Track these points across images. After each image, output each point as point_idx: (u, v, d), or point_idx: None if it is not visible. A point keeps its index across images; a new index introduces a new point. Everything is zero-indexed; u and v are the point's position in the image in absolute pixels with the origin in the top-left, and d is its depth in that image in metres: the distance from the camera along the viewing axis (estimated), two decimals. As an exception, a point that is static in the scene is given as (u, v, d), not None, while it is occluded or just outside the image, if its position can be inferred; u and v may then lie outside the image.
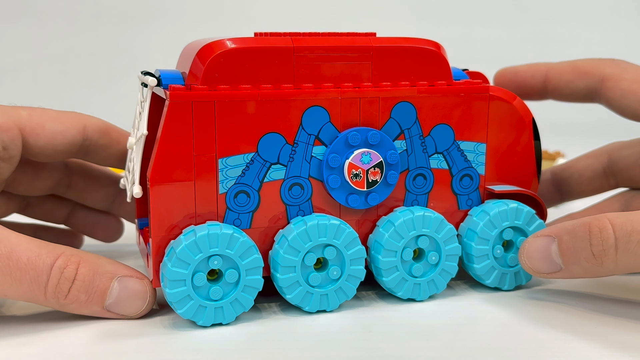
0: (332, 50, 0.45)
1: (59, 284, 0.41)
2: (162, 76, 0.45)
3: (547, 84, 0.55)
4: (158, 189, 0.42)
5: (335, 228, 0.44)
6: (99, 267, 0.43)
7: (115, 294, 0.43)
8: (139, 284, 0.44)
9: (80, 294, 0.42)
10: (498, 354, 0.40)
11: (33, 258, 0.41)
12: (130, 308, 0.44)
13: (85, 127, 0.50)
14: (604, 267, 0.42)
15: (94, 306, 0.43)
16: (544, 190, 0.57)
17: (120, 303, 0.43)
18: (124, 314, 0.44)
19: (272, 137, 0.44)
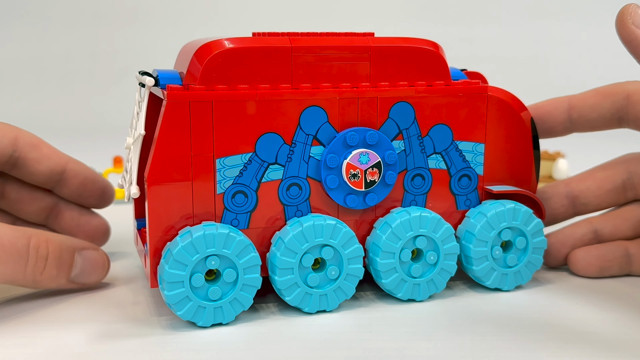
0: (330, 50, 0.45)
1: (36, 263, 0.44)
2: (160, 76, 0.45)
3: (571, 112, 0.53)
4: (155, 190, 0.42)
5: (332, 228, 0.44)
6: (62, 243, 0.46)
7: (79, 266, 0.46)
8: (97, 254, 0.47)
9: (52, 270, 0.45)
10: (498, 354, 0.40)
11: (14, 241, 0.43)
12: (93, 277, 0.47)
13: (17, 138, 0.50)
14: None
15: (62, 279, 0.46)
16: (558, 204, 0.55)
17: (84, 274, 0.47)
18: (86, 283, 0.47)
19: (270, 137, 0.44)
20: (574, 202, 0.55)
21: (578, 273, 0.52)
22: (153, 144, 0.42)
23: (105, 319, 0.45)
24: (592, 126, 0.54)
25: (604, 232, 0.53)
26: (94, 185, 0.54)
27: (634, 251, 0.52)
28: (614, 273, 0.52)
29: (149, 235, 0.43)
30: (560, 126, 0.54)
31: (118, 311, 0.46)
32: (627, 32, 0.42)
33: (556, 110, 0.54)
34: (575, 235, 0.53)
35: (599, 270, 0.51)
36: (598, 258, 0.51)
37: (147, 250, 0.44)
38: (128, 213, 0.72)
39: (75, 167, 0.53)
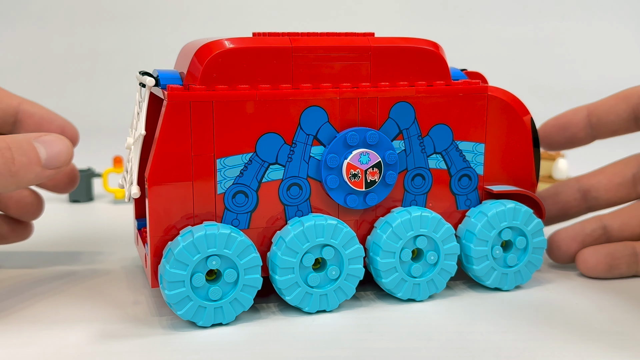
0: (331, 50, 0.45)
1: (3, 155, 0.43)
2: (160, 76, 0.45)
3: (590, 117, 0.54)
4: (156, 190, 0.42)
5: (333, 228, 0.44)
6: (16, 136, 0.44)
7: (43, 150, 0.44)
8: (51, 135, 0.45)
9: (22, 158, 0.43)
10: (498, 354, 0.40)
11: None
12: (61, 156, 0.45)
13: None
14: None
15: (36, 167, 0.44)
16: (570, 197, 0.55)
17: (52, 156, 0.45)
18: (59, 165, 0.45)
19: (271, 137, 0.44)
20: (586, 197, 0.55)
21: (587, 273, 0.52)
22: (153, 144, 0.42)
23: (105, 319, 0.45)
24: (612, 130, 0.55)
25: (613, 227, 0.54)
26: (52, 125, 0.54)
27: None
28: (623, 272, 0.52)
29: (150, 235, 0.43)
30: (582, 132, 0.55)
31: (118, 311, 0.46)
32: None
33: (576, 116, 0.55)
34: (585, 231, 0.54)
35: (608, 269, 0.51)
36: (607, 256, 0.52)
37: (147, 250, 0.44)
38: (128, 213, 0.73)
39: (29, 108, 0.53)
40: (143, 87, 0.46)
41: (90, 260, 0.57)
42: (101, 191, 0.83)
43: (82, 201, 0.79)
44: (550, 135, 0.56)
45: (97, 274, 0.53)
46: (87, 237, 0.59)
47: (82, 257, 0.57)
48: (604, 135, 0.55)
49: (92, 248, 0.60)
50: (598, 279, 0.51)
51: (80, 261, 0.56)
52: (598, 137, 0.56)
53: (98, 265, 0.55)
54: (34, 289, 0.50)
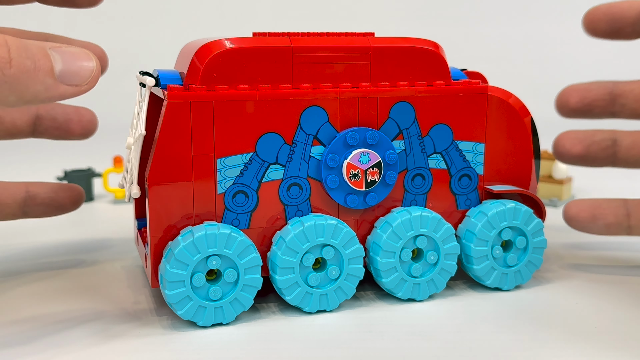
0: (331, 50, 0.45)
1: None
2: (160, 76, 0.45)
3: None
4: (156, 190, 0.42)
5: (333, 228, 0.44)
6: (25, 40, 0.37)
7: (59, 60, 0.37)
8: (75, 47, 0.38)
9: (24, 60, 0.36)
10: (498, 354, 0.40)
11: None
12: (82, 71, 0.38)
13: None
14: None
15: (46, 77, 0.37)
16: (599, 97, 0.53)
17: (70, 69, 0.37)
18: (79, 82, 0.38)
19: (271, 137, 0.44)
20: (614, 100, 0.54)
21: (570, 222, 0.52)
22: (154, 144, 0.42)
23: (105, 319, 0.45)
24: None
25: (623, 143, 0.53)
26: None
27: (634, 210, 0.51)
28: (610, 223, 0.51)
29: (150, 235, 0.43)
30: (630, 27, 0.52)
31: (118, 311, 0.46)
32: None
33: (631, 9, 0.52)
34: (593, 138, 0.53)
35: (591, 218, 0.51)
36: (590, 205, 0.51)
37: (147, 250, 0.44)
38: (128, 213, 0.73)
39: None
40: (143, 87, 0.46)
41: (90, 260, 0.57)
42: (101, 191, 0.83)
43: (82, 201, 0.79)
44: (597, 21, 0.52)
45: (97, 274, 0.53)
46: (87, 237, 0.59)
47: (82, 257, 0.57)
48: (623, 115, 0.53)
49: (92, 248, 0.60)
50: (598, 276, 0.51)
51: (80, 261, 0.56)
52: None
53: (98, 265, 0.55)
54: (34, 289, 0.50)
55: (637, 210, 0.51)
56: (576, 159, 0.54)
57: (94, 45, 0.51)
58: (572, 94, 0.54)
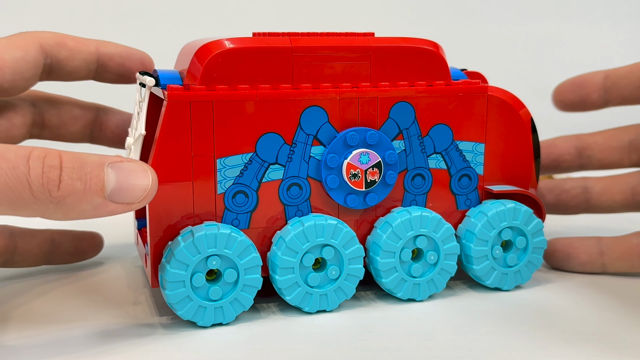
0: (331, 50, 0.45)
1: (44, 172, 0.35)
2: (160, 76, 0.45)
3: (606, 80, 0.54)
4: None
5: (333, 228, 0.44)
6: (84, 155, 0.37)
7: (113, 178, 0.37)
8: (135, 163, 0.38)
9: (74, 182, 0.36)
10: (498, 354, 0.40)
11: (2, 151, 0.35)
12: (135, 190, 0.38)
13: (42, 45, 0.47)
14: None
15: (95, 197, 0.37)
16: (564, 151, 0.56)
17: (123, 187, 0.37)
18: (130, 201, 0.38)
19: (271, 137, 0.44)
20: (581, 154, 0.56)
21: (547, 261, 0.53)
22: (154, 144, 0.42)
23: (105, 319, 0.45)
24: (623, 96, 0.54)
25: (594, 190, 0.54)
26: (132, 60, 0.52)
27: (607, 248, 0.52)
28: (584, 262, 0.52)
29: (150, 235, 0.43)
30: (596, 94, 0.54)
31: (118, 311, 0.46)
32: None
33: (593, 78, 0.55)
34: (563, 186, 0.55)
35: (566, 257, 0.52)
36: (564, 244, 0.53)
37: (147, 250, 0.44)
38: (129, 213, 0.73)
39: (108, 49, 0.51)
40: (143, 87, 0.46)
41: (90, 260, 0.57)
42: (101, 191, 0.83)
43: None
44: (564, 92, 0.56)
45: (97, 274, 0.53)
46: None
47: (82, 257, 0.57)
48: (615, 101, 0.55)
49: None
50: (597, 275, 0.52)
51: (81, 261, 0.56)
52: (610, 102, 0.55)
53: (98, 265, 0.55)
54: (34, 289, 0.50)
55: (610, 248, 0.52)
56: (548, 208, 0.56)
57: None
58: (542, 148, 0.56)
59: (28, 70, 0.47)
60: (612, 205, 0.54)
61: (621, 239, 0.53)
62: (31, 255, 0.52)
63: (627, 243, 0.52)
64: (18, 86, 0.47)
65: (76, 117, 0.53)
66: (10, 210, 0.35)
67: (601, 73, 0.55)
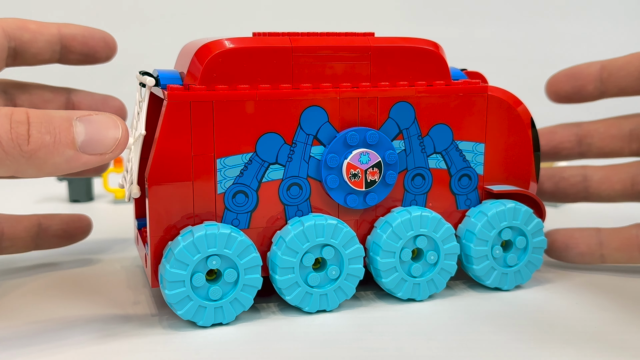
0: (331, 50, 0.45)
1: (12, 128, 0.36)
2: (160, 76, 0.45)
3: (602, 71, 0.54)
4: (156, 190, 0.42)
5: (333, 228, 0.44)
6: (51, 112, 0.38)
7: (83, 131, 0.38)
8: (103, 115, 0.39)
9: (43, 136, 0.37)
10: (498, 354, 0.40)
11: None
12: (106, 140, 0.38)
13: (3, 28, 0.49)
14: None
15: (66, 149, 0.37)
16: (565, 139, 0.55)
17: (94, 139, 0.38)
18: (102, 151, 0.38)
19: (271, 137, 0.44)
20: (581, 141, 0.55)
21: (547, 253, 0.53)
22: (154, 144, 0.42)
23: (105, 318, 0.45)
24: (620, 86, 0.54)
25: (593, 178, 0.54)
26: (94, 40, 0.53)
27: (606, 239, 0.52)
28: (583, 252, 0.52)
29: (150, 235, 0.43)
30: (591, 85, 0.54)
31: (118, 311, 0.46)
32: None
33: (589, 68, 0.54)
34: (562, 174, 0.54)
35: (564, 247, 0.52)
36: (564, 234, 0.53)
37: (147, 250, 0.44)
38: (128, 213, 0.73)
39: (70, 30, 0.52)
40: (143, 87, 0.46)
41: (90, 260, 0.57)
42: (101, 191, 0.83)
43: (82, 201, 0.79)
44: (559, 83, 0.55)
45: (97, 274, 0.53)
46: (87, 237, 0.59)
47: (82, 257, 0.57)
48: (611, 92, 0.54)
49: (92, 248, 0.60)
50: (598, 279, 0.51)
51: (81, 261, 0.56)
52: (606, 93, 0.55)
53: (98, 265, 0.55)
54: (34, 289, 0.50)
55: (609, 239, 0.52)
56: (547, 195, 0.56)
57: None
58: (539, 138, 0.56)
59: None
60: (611, 194, 0.54)
61: (621, 230, 0.52)
62: (19, 240, 0.52)
63: (626, 234, 0.52)
64: None
65: (47, 101, 0.54)
66: None
67: (597, 64, 0.54)
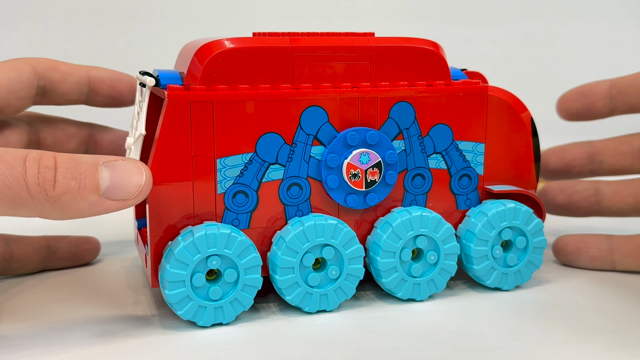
0: (331, 50, 0.45)
1: (39, 173, 0.37)
2: (161, 76, 0.45)
3: (611, 88, 0.55)
4: (156, 190, 0.42)
5: (333, 228, 0.44)
6: (78, 156, 0.39)
7: (107, 177, 0.39)
8: (128, 161, 0.40)
9: (69, 181, 0.38)
10: (498, 354, 0.40)
11: (0, 154, 0.37)
12: (129, 187, 0.39)
13: (34, 67, 0.50)
14: None
15: (90, 195, 0.38)
16: (576, 157, 0.56)
17: (117, 185, 0.39)
18: (125, 197, 0.39)
19: (271, 137, 0.44)
20: (592, 159, 0.56)
21: (557, 256, 0.53)
22: (154, 144, 0.42)
23: (105, 319, 0.45)
24: (629, 103, 0.54)
25: (605, 192, 0.54)
26: (121, 84, 0.54)
27: (616, 245, 0.52)
28: (594, 257, 0.52)
29: (150, 235, 0.43)
30: (601, 102, 0.55)
31: (118, 311, 0.46)
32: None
33: (598, 86, 0.55)
34: (575, 187, 0.55)
35: (576, 251, 0.53)
36: (577, 239, 0.53)
37: (147, 250, 0.44)
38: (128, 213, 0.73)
39: (98, 74, 0.53)
40: (143, 87, 0.46)
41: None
42: (101, 191, 0.83)
43: (82, 201, 0.78)
44: (569, 101, 0.56)
45: (97, 274, 0.53)
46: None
47: (82, 257, 0.57)
48: (621, 109, 0.55)
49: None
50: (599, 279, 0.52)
51: (81, 261, 0.56)
52: (615, 110, 0.55)
53: (98, 265, 0.55)
54: (34, 289, 0.50)
55: (620, 245, 0.53)
56: (559, 209, 0.56)
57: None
58: (550, 156, 0.57)
59: (22, 90, 0.49)
60: (623, 208, 0.55)
61: (632, 237, 0.53)
62: (28, 262, 0.53)
63: (637, 241, 0.52)
64: (12, 105, 0.49)
65: (70, 135, 0.55)
66: (10, 210, 0.37)
67: (606, 82, 0.55)
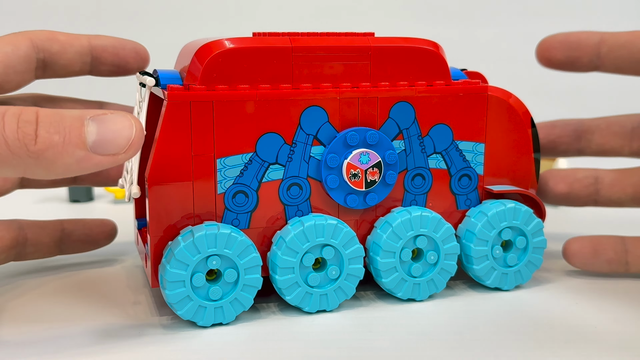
0: (331, 50, 0.45)
1: (19, 127, 0.35)
2: (161, 76, 0.45)
3: (601, 45, 0.52)
4: (156, 190, 0.42)
5: (333, 228, 0.44)
6: (62, 111, 0.37)
7: (95, 130, 0.36)
8: (116, 114, 0.37)
9: (52, 135, 0.35)
10: (498, 354, 0.40)
11: None
12: (119, 140, 0.37)
13: (32, 40, 0.48)
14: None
15: (76, 150, 0.36)
16: (564, 133, 0.54)
17: (106, 138, 0.36)
18: (115, 151, 0.37)
19: (271, 137, 0.44)
20: (580, 137, 0.54)
21: (572, 259, 0.52)
22: (154, 144, 0.42)
23: (105, 319, 0.45)
24: (616, 65, 0.52)
25: (605, 180, 0.53)
26: (125, 50, 0.52)
27: (631, 247, 0.52)
28: (611, 259, 0.51)
29: (150, 235, 0.43)
30: (586, 58, 0.52)
31: (118, 311, 0.46)
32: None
33: (588, 39, 0.52)
34: (576, 175, 0.53)
35: (593, 253, 0.51)
36: (591, 241, 0.51)
37: (147, 250, 0.44)
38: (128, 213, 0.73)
39: (100, 42, 0.51)
40: (143, 87, 0.46)
41: (90, 260, 0.57)
42: (101, 191, 0.83)
43: (82, 201, 0.79)
44: (553, 50, 0.53)
45: (97, 274, 0.53)
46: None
47: (82, 257, 0.57)
48: (606, 68, 0.52)
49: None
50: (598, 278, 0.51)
51: (81, 261, 0.56)
52: (600, 68, 0.53)
53: (98, 265, 0.55)
54: (34, 289, 0.50)
55: (634, 246, 0.51)
56: (560, 198, 0.55)
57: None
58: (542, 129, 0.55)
59: (20, 64, 0.47)
60: (622, 197, 0.53)
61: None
62: (43, 246, 0.52)
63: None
64: (12, 80, 0.47)
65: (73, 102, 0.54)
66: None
67: (596, 35, 0.52)
